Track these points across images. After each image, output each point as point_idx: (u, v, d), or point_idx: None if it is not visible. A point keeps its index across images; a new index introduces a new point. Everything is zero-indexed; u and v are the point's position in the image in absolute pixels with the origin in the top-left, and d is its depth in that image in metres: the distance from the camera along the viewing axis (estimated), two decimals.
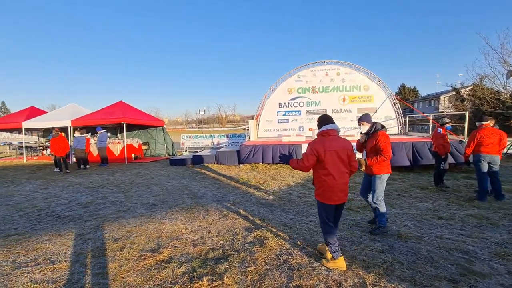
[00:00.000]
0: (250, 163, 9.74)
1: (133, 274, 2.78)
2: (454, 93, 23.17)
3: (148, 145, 13.92)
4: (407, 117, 12.88)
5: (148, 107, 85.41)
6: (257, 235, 3.72)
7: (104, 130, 11.23)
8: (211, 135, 15.05)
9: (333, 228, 2.86)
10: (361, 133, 3.86)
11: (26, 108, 14.81)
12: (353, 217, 4.37)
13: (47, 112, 14.60)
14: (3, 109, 78.59)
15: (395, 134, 12.36)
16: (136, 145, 12.56)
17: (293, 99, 13.23)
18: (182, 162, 10.30)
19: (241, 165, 9.71)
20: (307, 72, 13.10)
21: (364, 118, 3.78)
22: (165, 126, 14.34)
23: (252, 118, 14.09)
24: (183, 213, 4.73)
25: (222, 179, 7.63)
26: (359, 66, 12.88)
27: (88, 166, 10.31)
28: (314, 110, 13.05)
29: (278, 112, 13.37)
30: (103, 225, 4.20)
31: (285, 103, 13.32)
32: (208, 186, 6.80)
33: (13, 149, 16.27)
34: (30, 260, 3.12)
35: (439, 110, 29.96)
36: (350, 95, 12.84)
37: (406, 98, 42.66)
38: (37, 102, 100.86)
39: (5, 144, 16.95)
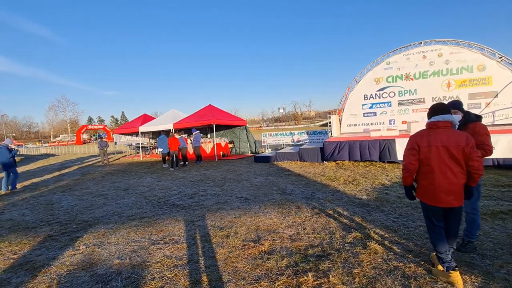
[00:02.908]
0: (335, 161, 9.31)
1: (241, 261, 3.03)
2: None
3: (233, 143, 15.07)
4: None
5: (227, 108, 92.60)
6: (356, 236, 3.50)
7: (198, 131, 12.74)
8: (291, 133, 15.13)
9: (440, 234, 2.46)
10: None
11: (140, 115, 18.25)
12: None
13: (155, 118, 17.63)
14: (123, 117, 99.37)
15: None
16: (223, 144, 13.78)
17: (382, 89, 11.94)
18: (265, 159, 10.71)
19: (325, 162, 9.39)
20: (398, 57, 11.58)
21: (456, 105, 3.00)
22: (247, 125, 15.23)
23: (329, 113, 13.42)
24: (275, 208, 4.89)
25: (308, 176, 7.55)
26: (470, 42, 10.57)
27: (187, 163, 11.91)
28: (408, 100, 11.45)
29: (363, 105, 12.33)
30: (208, 214, 4.75)
31: (371, 94, 12.16)
32: (295, 183, 6.84)
33: (133, 148, 20.37)
34: (160, 238, 3.81)
35: None
36: (458, 78, 10.68)
37: None
38: (146, 109, 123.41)
39: (127, 145, 21.42)
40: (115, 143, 20.40)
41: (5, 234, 4.36)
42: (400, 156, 8.02)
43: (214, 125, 12.87)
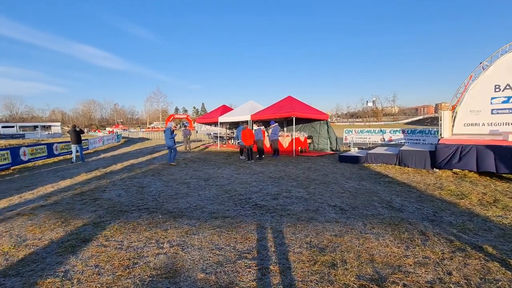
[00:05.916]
0: (452, 169, 7.21)
1: None
2: None
3: (311, 138, 13.92)
4: None
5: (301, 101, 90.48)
6: None
7: (277, 124, 12.10)
8: (381, 130, 13.00)
9: None
10: None
11: (219, 106, 18.86)
12: None
13: (233, 109, 17.92)
14: (202, 108, 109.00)
15: None
16: (302, 138, 12.80)
17: None
18: (353, 159, 9.24)
19: (436, 170, 7.38)
20: None
21: None
22: (329, 119, 13.81)
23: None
24: (388, 230, 3.69)
25: (417, 188, 5.91)
26: None
27: (263, 156, 11.44)
28: None
29: (493, 98, 9.32)
30: (299, 225, 3.91)
31: (508, 85, 9.07)
32: (402, 195, 5.37)
33: (211, 138, 21.44)
34: (246, 250, 3.17)
35: None
36: None
37: None
38: (223, 101, 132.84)
39: (206, 134, 22.73)
40: (196, 131, 21.87)
41: (103, 215, 4.52)
42: None
43: (294, 118, 11.99)
